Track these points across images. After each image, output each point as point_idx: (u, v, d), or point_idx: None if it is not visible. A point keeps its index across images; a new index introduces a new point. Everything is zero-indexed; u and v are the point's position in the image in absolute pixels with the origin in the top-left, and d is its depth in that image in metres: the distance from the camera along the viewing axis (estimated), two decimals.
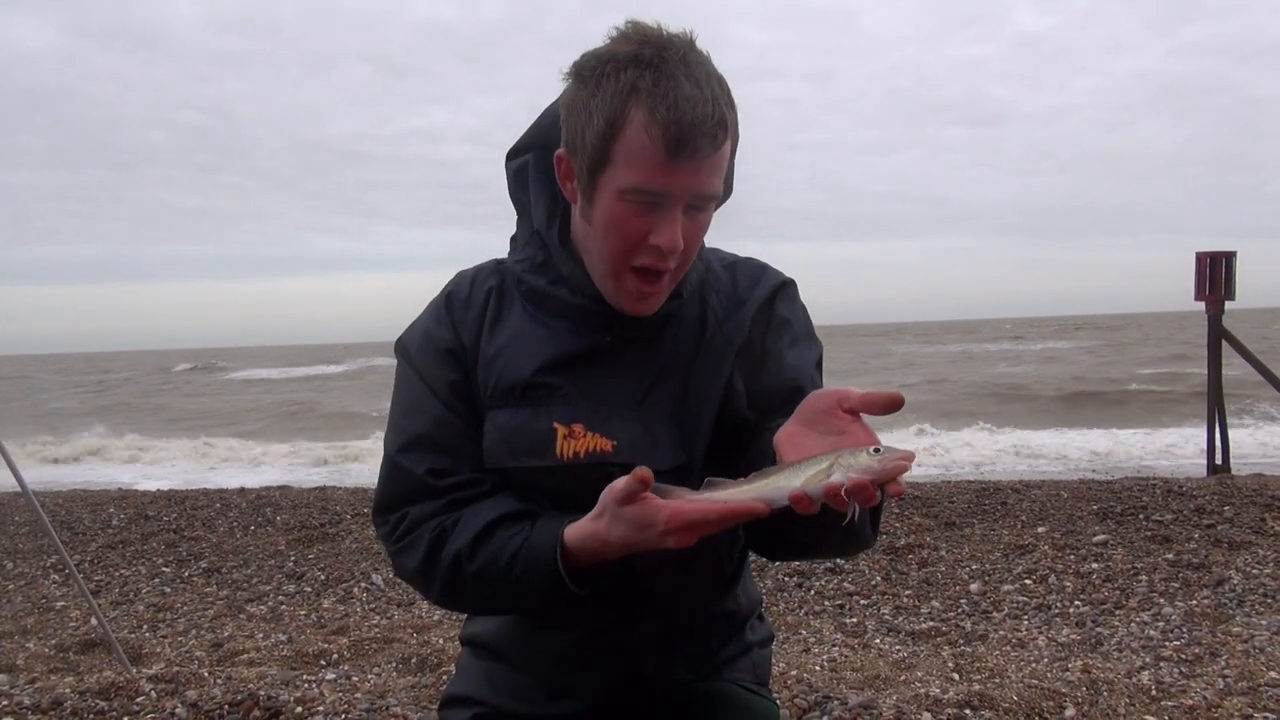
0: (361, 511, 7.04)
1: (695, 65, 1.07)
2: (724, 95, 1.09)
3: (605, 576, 1.16)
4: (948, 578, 4.97)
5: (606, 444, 1.18)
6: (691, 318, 1.26)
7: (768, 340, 1.26)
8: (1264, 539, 5.26)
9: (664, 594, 1.24)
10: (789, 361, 1.25)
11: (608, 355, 1.22)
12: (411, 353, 1.28)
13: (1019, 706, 3.05)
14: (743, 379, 1.24)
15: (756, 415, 1.22)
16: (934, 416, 17.41)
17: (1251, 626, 3.98)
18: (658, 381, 1.22)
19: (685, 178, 1.07)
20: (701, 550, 1.23)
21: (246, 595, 5.36)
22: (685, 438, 1.21)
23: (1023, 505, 6.28)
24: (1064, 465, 12.00)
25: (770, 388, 1.23)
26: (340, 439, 18.02)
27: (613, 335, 1.22)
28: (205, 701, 3.13)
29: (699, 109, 1.04)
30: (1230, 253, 8.84)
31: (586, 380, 1.21)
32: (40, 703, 3.13)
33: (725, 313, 1.27)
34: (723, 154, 1.10)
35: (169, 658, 4.24)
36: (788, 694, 3.22)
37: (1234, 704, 3.09)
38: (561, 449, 1.18)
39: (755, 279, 1.31)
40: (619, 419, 1.20)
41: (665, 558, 1.15)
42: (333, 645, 4.22)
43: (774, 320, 1.28)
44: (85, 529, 7.04)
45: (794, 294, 1.33)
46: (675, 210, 1.10)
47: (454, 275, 1.33)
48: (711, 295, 1.28)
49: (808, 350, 1.28)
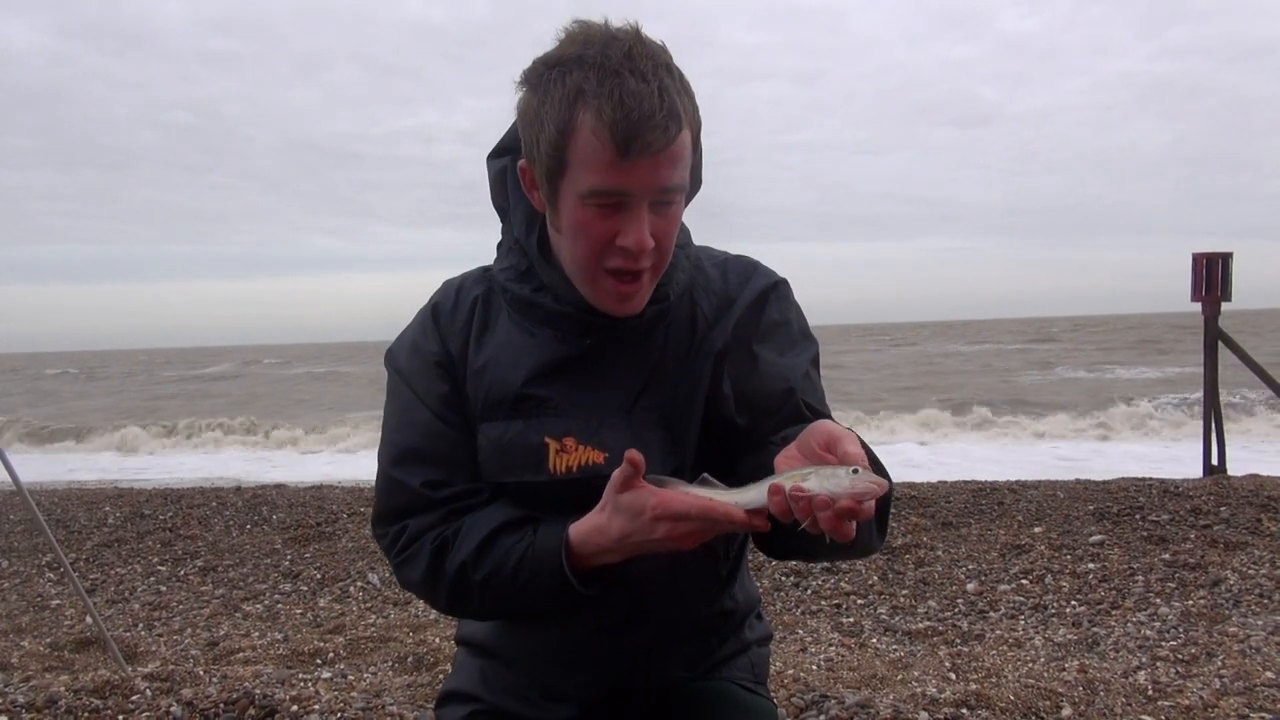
0: (358, 510, 7.03)
1: (641, 58, 1.05)
2: (675, 84, 1.06)
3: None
4: (944, 577, 4.97)
5: (599, 456, 1.17)
6: (681, 319, 1.24)
7: (757, 342, 1.23)
8: (1260, 539, 5.26)
9: (660, 592, 1.23)
10: (780, 363, 1.22)
11: (597, 362, 1.21)
12: (400, 364, 1.27)
13: (1015, 706, 3.05)
14: (731, 382, 1.21)
15: (749, 419, 1.20)
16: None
17: (1247, 627, 3.98)
18: (647, 386, 1.21)
19: (642, 174, 1.06)
20: (697, 548, 1.23)
21: (242, 594, 5.35)
22: (675, 443, 1.20)
23: (1019, 505, 6.28)
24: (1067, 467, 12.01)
25: (760, 390, 1.20)
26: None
27: (593, 340, 1.20)
28: (200, 700, 3.12)
29: (645, 104, 1.02)
30: (1226, 254, 8.85)
31: (576, 389, 1.20)
32: (35, 701, 3.12)
33: (715, 314, 1.24)
34: (679, 145, 1.07)
35: (164, 656, 4.23)
36: (784, 693, 3.21)
37: (1230, 704, 3.09)
38: (554, 464, 1.18)
39: (746, 277, 1.28)
40: (609, 429, 1.18)
41: (661, 556, 1.15)
42: (329, 644, 4.21)
43: (764, 321, 1.25)
44: (81, 527, 7.02)
45: (786, 293, 1.29)
46: (640, 209, 1.09)
47: (441, 285, 1.32)
48: (702, 295, 1.25)
49: (802, 351, 1.26)
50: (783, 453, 1.01)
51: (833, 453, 0.96)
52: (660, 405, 1.20)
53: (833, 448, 0.96)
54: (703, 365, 1.21)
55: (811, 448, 0.98)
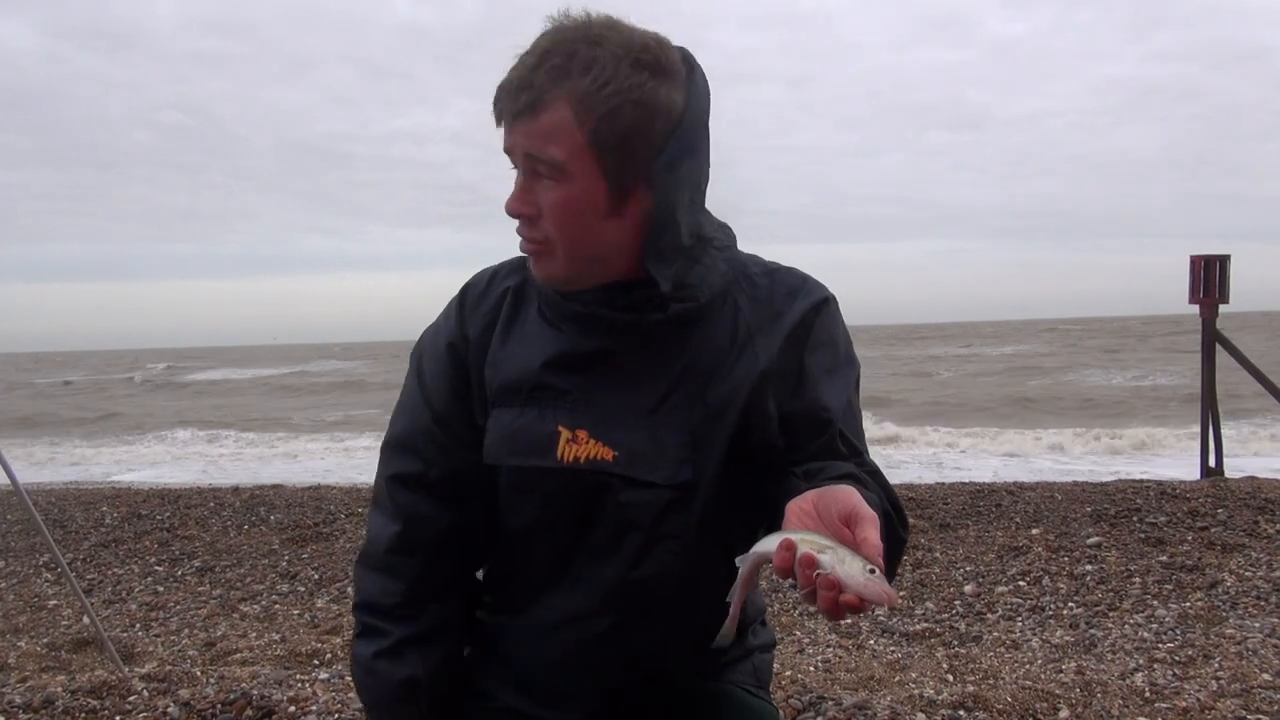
0: (356, 511, 7.03)
1: (558, 36, 1.08)
2: (566, 64, 1.06)
3: (609, 587, 1.17)
4: (942, 579, 4.98)
5: (608, 453, 1.16)
6: (720, 322, 1.19)
7: (804, 362, 1.19)
8: (1257, 541, 5.27)
9: (668, 604, 1.22)
10: (824, 391, 1.18)
11: (623, 360, 1.18)
12: (421, 349, 1.30)
13: (1013, 708, 3.05)
14: (775, 403, 1.16)
15: (785, 441, 1.16)
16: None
17: (1245, 629, 3.99)
18: (674, 389, 1.17)
19: (509, 138, 1.11)
20: (709, 560, 1.21)
21: (240, 594, 5.35)
22: (696, 449, 1.16)
23: (1017, 507, 6.29)
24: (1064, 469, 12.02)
25: (801, 415, 1.16)
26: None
27: (619, 338, 1.17)
28: (198, 701, 3.12)
29: (516, 74, 1.08)
30: (1224, 256, 8.86)
31: (596, 386, 1.18)
32: (32, 701, 3.12)
33: (759, 323, 1.20)
34: (547, 119, 1.06)
35: (161, 657, 4.23)
36: (782, 694, 3.21)
37: (1227, 706, 3.10)
38: (563, 452, 1.17)
39: (794, 291, 1.22)
40: (625, 428, 1.16)
41: (671, 569, 1.17)
42: (326, 645, 4.21)
43: (811, 341, 1.20)
44: (78, 527, 7.01)
45: (833, 311, 1.24)
46: (520, 176, 1.12)
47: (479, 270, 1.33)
48: (745, 301, 1.21)
49: (845, 375, 1.21)
50: (796, 502, 0.97)
51: (850, 529, 0.91)
52: (688, 409, 1.16)
53: (852, 524, 0.91)
54: (743, 375, 1.17)
55: (830, 514, 0.93)
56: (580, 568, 1.21)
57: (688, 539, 1.18)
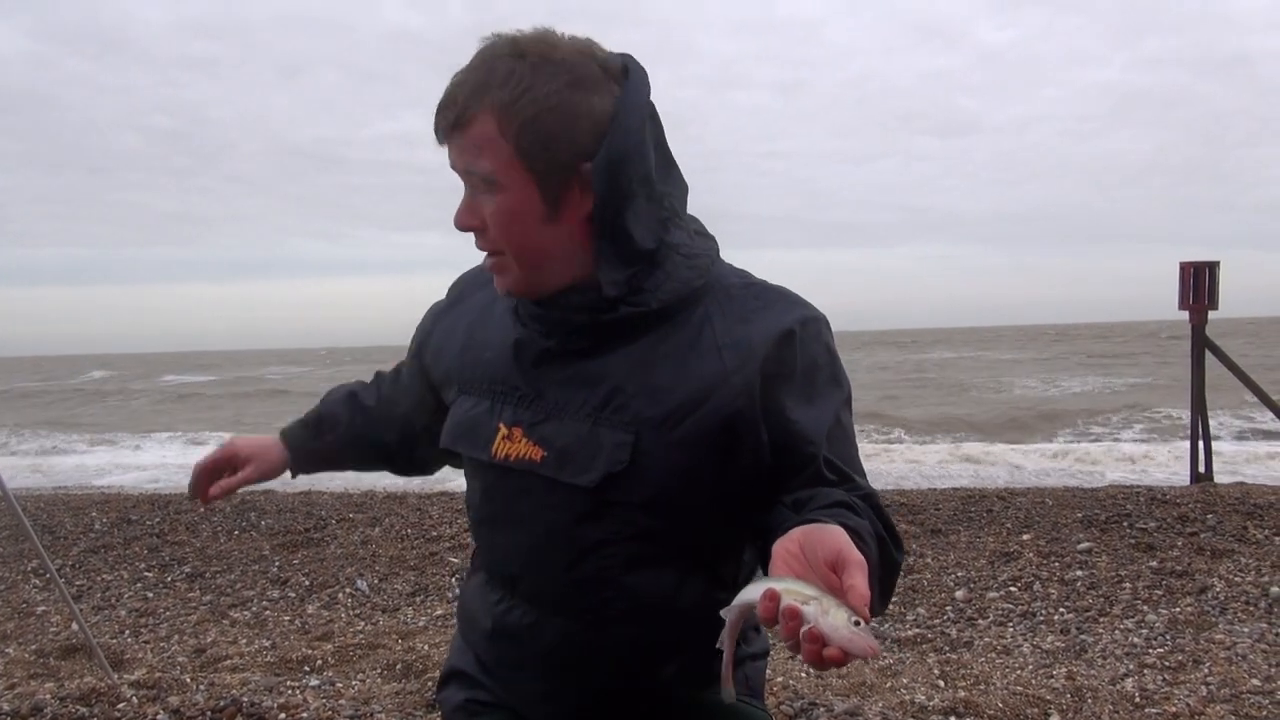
0: (347, 516, 7.01)
1: (486, 53, 1.11)
2: (488, 78, 1.09)
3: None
4: (933, 585, 4.98)
5: (538, 453, 1.19)
6: (685, 330, 1.17)
7: (781, 390, 1.14)
8: (1246, 546, 5.30)
9: (653, 601, 1.22)
10: (807, 417, 1.14)
11: (575, 358, 1.19)
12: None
13: (1004, 713, 3.06)
14: (752, 425, 1.13)
15: (770, 474, 1.14)
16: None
17: (1234, 634, 4.01)
18: (620, 390, 1.16)
19: (449, 155, 1.15)
20: (695, 560, 1.22)
21: (230, 601, 5.32)
22: (637, 450, 1.14)
23: (1008, 512, 6.31)
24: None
25: (784, 444, 1.13)
26: None
27: (574, 338, 1.18)
28: (187, 708, 3.11)
29: (449, 92, 1.11)
30: (1214, 263, 8.90)
31: (548, 383, 1.20)
32: (20, 709, 3.10)
33: (730, 336, 1.16)
34: (474, 133, 1.10)
35: (151, 663, 4.20)
36: (774, 700, 3.22)
37: (1217, 711, 3.11)
38: (497, 448, 1.22)
39: (772, 308, 1.18)
40: (562, 428, 1.17)
41: (611, 575, 1.18)
42: (317, 651, 4.19)
43: (789, 364, 1.15)
44: (67, 533, 6.97)
45: (816, 331, 1.18)
46: (465, 190, 1.16)
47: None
48: (716, 311, 1.18)
49: (829, 399, 1.17)
50: (783, 544, 0.95)
51: (837, 574, 0.89)
52: (634, 411, 1.15)
53: (839, 569, 0.89)
54: (707, 383, 1.14)
55: (816, 557, 0.92)
56: (524, 567, 1.25)
57: (627, 545, 1.18)
